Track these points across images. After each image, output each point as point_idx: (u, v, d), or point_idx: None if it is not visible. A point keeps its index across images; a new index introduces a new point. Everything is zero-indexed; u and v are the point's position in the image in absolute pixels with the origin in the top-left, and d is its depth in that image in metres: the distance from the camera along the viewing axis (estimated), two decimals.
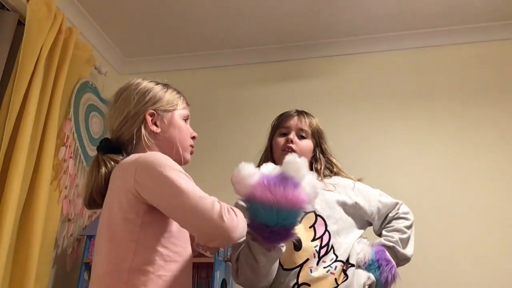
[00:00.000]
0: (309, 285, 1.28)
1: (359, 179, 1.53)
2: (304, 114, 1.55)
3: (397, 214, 1.46)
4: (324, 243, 1.34)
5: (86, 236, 2.08)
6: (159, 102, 1.18)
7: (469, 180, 2.17)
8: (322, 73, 2.58)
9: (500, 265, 1.99)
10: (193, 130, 1.25)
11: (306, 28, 2.48)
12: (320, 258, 1.31)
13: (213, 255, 1.24)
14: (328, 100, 2.49)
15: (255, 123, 2.32)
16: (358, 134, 2.38)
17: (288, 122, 1.52)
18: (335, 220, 1.38)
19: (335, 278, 1.29)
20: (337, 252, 1.33)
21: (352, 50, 2.57)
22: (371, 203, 1.46)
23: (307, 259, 1.31)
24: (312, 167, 1.49)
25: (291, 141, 1.46)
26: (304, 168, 1.14)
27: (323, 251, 1.33)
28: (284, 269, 1.32)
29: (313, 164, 1.50)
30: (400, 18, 2.38)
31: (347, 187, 1.47)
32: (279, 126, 1.53)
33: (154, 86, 1.20)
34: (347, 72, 2.55)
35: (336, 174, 1.52)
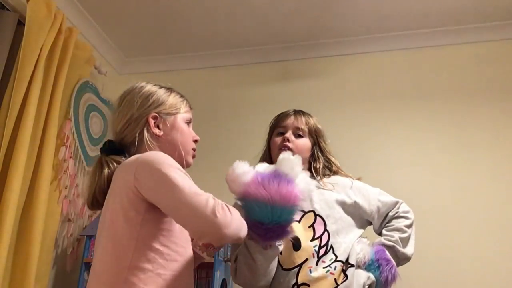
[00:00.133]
0: (308, 285, 1.27)
1: (358, 178, 1.53)
2: (301, 113, 1.55)
3: (397, 213, 1.46)
4: (323, 243, 1.34)
5: (86, 236, 2.07)
6: (162, 105, 1.19)
7: (469, 180, 2.17)
8: (322, 73, 2.58)
9: (500, 265, 1.99)
10: (195, 134, 1.26)
11: (306, 28, 2.48)
12: (319, 258, 1.31)
13: (211, 257, 1.23)
14: (328, 100, 2.49)
15: (255, 123, 2.31)
16: (358, 134, 2.38)
17: (285, 122, 1.51)
18: (335, 219, 1.38)
19: (335, 279, 1.29)
20: (336, 252, 1.33)
21: (352, 50, 2.57)
22: (371, 202, 1.46)
23: (306, 259, 1.31)
24: (310, 166, 1.48)
25: (288, 139, 1.45)
26: (298, 165, 1.14)
27: (322, 251, 1.32)
28: (283, 269, 1.31)
29: (311, 163, 1.49)
30: (400, 18, 2.38)
31: (346, 186, 1.47)
32: (277, 126, 1.54)
33: (158, 90, 1.21)
34: (347, 72, 2.55)
35: (335, 173, 1.52)
